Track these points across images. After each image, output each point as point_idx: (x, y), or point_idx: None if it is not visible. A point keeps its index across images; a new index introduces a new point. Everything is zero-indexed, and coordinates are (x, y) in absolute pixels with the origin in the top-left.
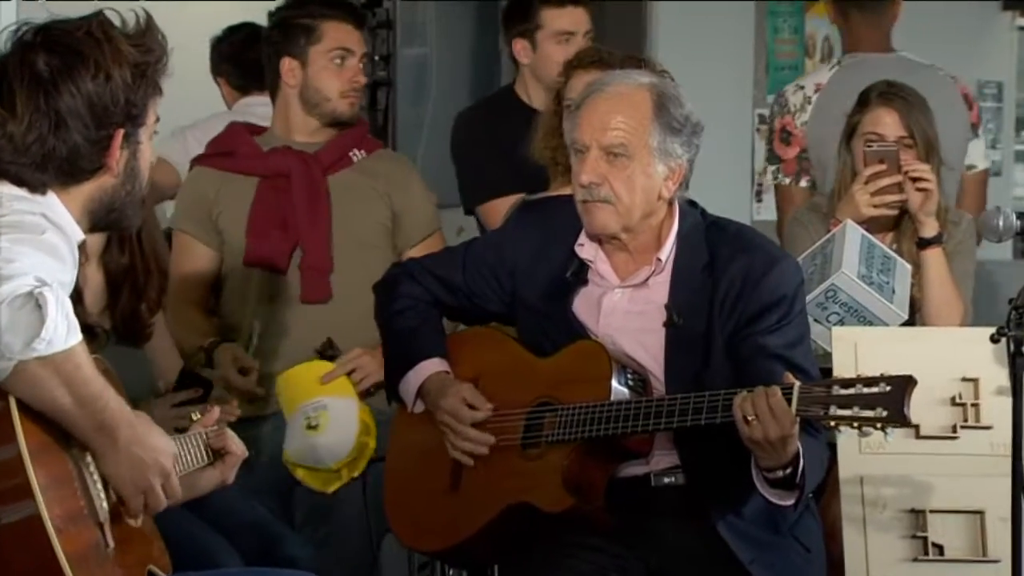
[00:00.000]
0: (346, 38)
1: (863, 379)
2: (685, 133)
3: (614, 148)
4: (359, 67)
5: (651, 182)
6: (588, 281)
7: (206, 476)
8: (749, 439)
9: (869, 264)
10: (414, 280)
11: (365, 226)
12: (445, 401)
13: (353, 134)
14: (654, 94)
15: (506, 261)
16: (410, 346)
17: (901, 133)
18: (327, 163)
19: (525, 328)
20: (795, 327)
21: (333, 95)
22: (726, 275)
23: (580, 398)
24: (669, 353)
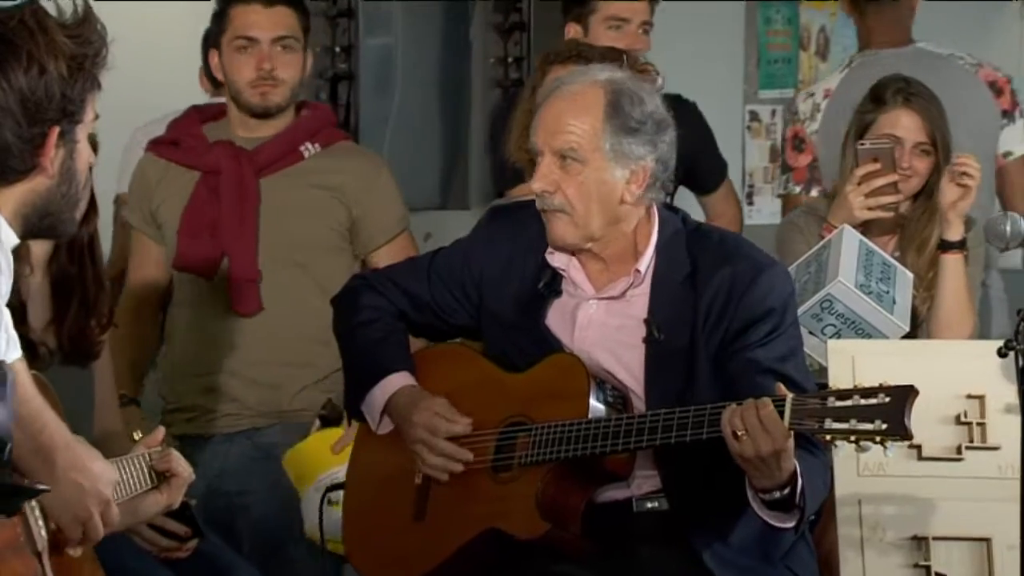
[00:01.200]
0: (250, 22)
1: (861, 390)
2: (646, 132)
3: (564, 152)
4: (267, 52)
5: (608, 188)
6: (562, 292)
7: (150, 500)
8: (740, 456)
9: (867, 272)
10: (376, 291)
11: (310, 229)
12: (418, 415)
13: (303, 126)
14: (608, 91)
15: (473, 271)
16: (375, 360)
17: (921, 138)
18: (263, 161)
19: (494, 343)
20: (786, 339)
21: (242, 85)
22: (709, 286)
23: (555, 416)
24: (650, 371)
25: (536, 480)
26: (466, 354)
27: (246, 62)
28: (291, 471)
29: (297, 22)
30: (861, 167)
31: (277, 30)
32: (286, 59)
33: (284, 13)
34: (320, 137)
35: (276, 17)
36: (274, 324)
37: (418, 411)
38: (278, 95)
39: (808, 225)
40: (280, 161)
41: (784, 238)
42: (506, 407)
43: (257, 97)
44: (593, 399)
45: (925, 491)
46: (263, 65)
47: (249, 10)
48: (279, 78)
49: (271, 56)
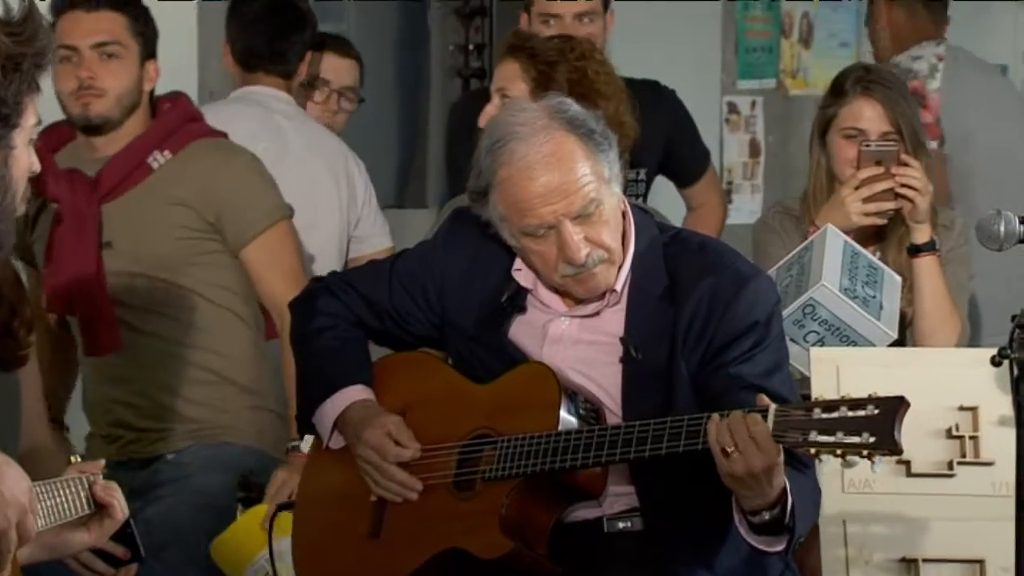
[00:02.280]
0: (69, 29)
1: (848, 401)
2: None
3: (588, 208)
4: (87, 60)
5: (617, 210)
6: (526, 308)
7: (74, 538)
8: (730, 475)
9: (853, 275)
10: (333, 296)
11: (167, 248)
12: (368, 434)
13: (150, 135)
14: (568, 127)
15: (435, 277)
16: (329, 370)
17: (885, 128)
18: (105, 186)
19: (457, 354)
20: (771, 352)
21: (65, 97)
22: (689, 301)
23: (522, 428)
24: (627, 392)
25: (501, 496)
26: (430, 363)
27: (68, 72)
28: (222, 561)
29: (126, 26)
30: (863, 169)
31: (98, 36)
32: (110, 67)
33: (108, 18)
34: (171, 142)
35: (98, 23)
36: (146, 353)
37: (369, 430)
38: (101, 106)
39: (784, 226)
40: (125, 182)
41: (760, 240)
42: (471, 419)
43: (79, 108)
44: (564, 411)
45: (914, 509)
46: (81, 73)
47: (70, 17)
48: (101, 88)
49: (91, 64)
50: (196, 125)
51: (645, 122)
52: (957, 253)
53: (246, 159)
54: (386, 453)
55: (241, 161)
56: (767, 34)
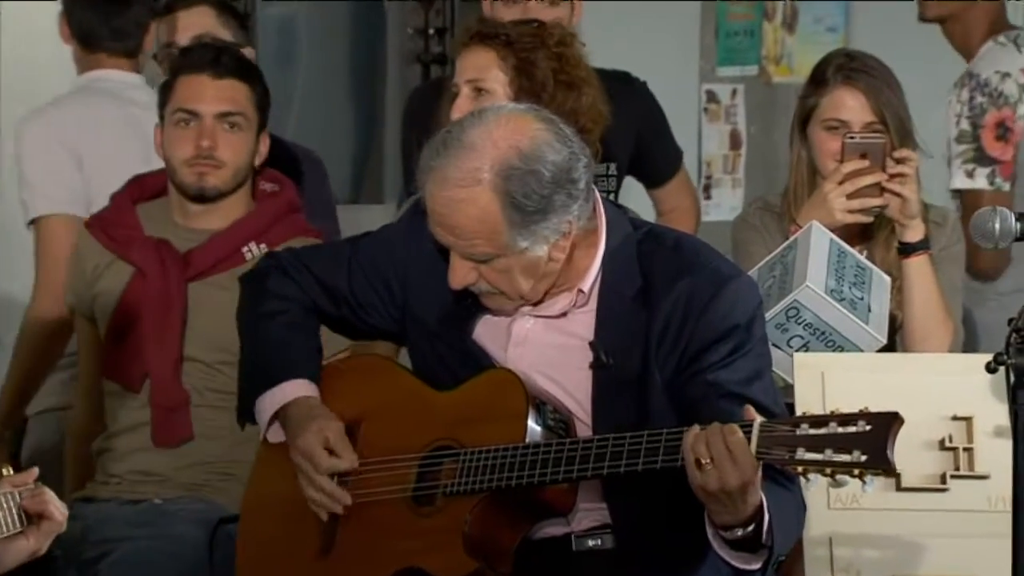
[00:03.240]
0: (193, 94)
1: (838, 416)
2: (556, 203)
3: (477, 259)
4: (210, 128)
5: (533, 263)
6: None
7: (15, 547)
8: (702, 488)
9: (839, 276)
10: (289, 278)
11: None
12: (302, 439)
13: (250, 223)
14: (499, 190)
15: (398, 268)
16: (275, 359)
17: (869, 118)
18: (195, 269)
19: (418, 352)
20: (752, 358)
21: (178, 163)
22: (664, 302)
23: (487, 440)
24: (598, 400)
25: (463, 513)
26: (387, 368)
27: (186, 137)
28: None
29: (249, 98)
30: (847, 163)
31: (223, 105)
32: (231, 139)
33: (235, 88)
34: (270, 235)
35: (225, 91)
36: (208, 450)
37: (304, 434)
38: (218, 178)
39: (765, 223)
40: (215, 268)
41: (740, 239)
42: (431, 429)
43: (193, 177)
44: (531, 421)
45: (905, 526)
46: (203, 142)
47: (194, 81)
48: (220, 159)
49: (213, 133)
50: (295, 219)
51: (616, 115)
52: (950, 252)
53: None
54: (318, 464)
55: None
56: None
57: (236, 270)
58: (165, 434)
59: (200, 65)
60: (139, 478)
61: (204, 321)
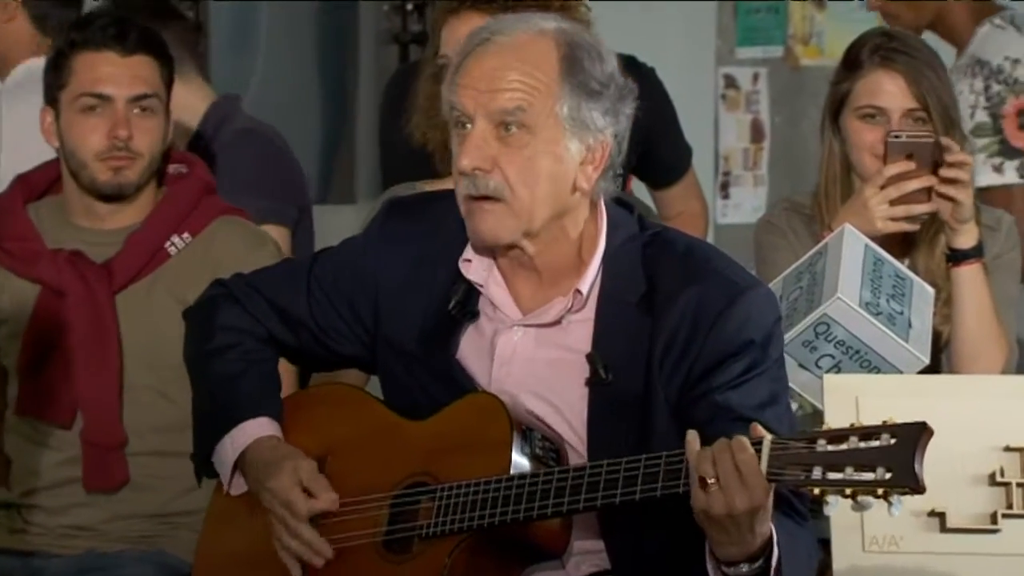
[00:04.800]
0: (102, 75)
1: (859, 430)
2: (608, 97)
3: (508, 116)
4: (123, 115)
5: (561, 167)
6: (479, 314)
7: None
8: (706, 513)
9: (875, 287)
10: (238, 304)
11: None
12: (276, 481)
13: (167, 214)
14: (562, 43)
15: (367, 284)
16: (230, 399)
17: (909, 104)
18: (122, 280)
19: (391, 379)
20: (767, 381)
21: (88, 158)
22: (671, 312)
23: (467, 474)
24: (594, 421)
25: (442, 557)
26: (354, 397)
27: (95, 127)
28: None
29: (161, 76)
30: (891, 164)
31: (136, 86)
32: (146, 125)
33: (145, 65)
34: (191, 221)
35: (135, 69)
36: (152, 491)
37: (276, 476)
38: (135, 172)
39: (793, 226)
40: (141, 273)
41: (763, 244)
42: (404, 464)
43: (107, 173)
44: (516, 452)
45: (951, 571)
46: (119, 132)
47: (99, 59)
48: (136, 150)
49: (128, 120)
50: (213, 200)
51: None
52: (1005, 260)
53: (272, 249)
54: (296, 509)
55: (267, 253)
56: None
57: (161, 270)
58: (98, 477)
59: (104, 40)
60: (69, 532)
61: (137, 338)
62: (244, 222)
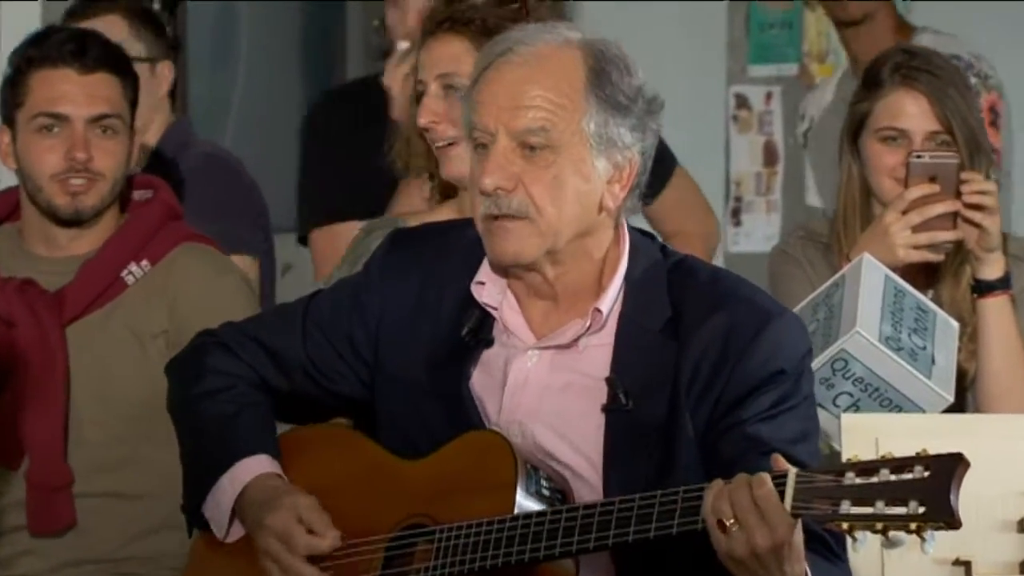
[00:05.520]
0: (60, 93)
1: (890, 461)
2: (636, 112)
3: (532, 135)
4: (82, 135)
5: (588, 185)
6: (493, 341)
7: None
8: (729, 556)
9: (896, 320)
10: (230, 352)
11: (135, 390)
12: (273, 517)
13: (125, 241)
14: (589, 55)
15: (368, 319)
16: (222, 441)
17: (932, 126)
18: (73, 311)
19: (393, 420)
20: (800, 415)
21: (44, 180)
22: (698, 338)
23: (468, 514)
24: (612, 452)
25: None
26: (347, 437)
27: (51, 147)
28: None
29: (123, 95)
30: (913, 188)
31: (96, 106)
32: (107, 146)
33: (106, 83)
34: (151, 249)
35: (96, 88)
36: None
37: (275, 512)
38: (95, 196)
39: (809, 256)
40: (93, 304)
41: (778, 274)
42: (402, 505)
43: (64, 198)
44: (521, 491)
45: None
46: (77, 154)
47: (56, 77)
48: (97, 171)
49: (87, 141)
50: (177, 226)
51: None
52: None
53: (235, 279)
54: (295, 544)
55: (230, 282)
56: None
57: (117, 301)
58: (43, 520)
59: (62, 57)
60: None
61: (89, 372)
62: (207, 249)
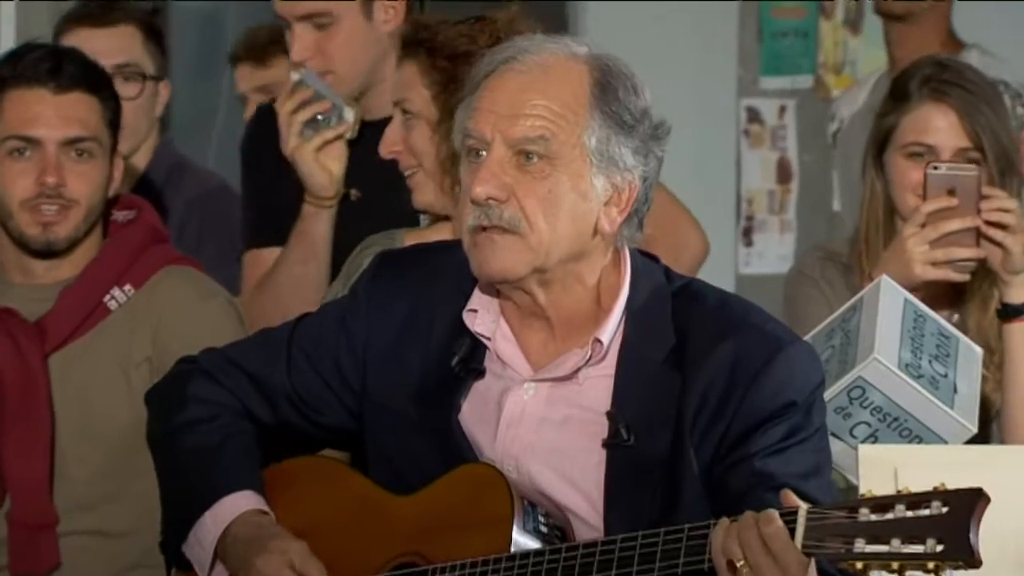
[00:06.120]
0: (32, 115)
1: (906, 497)
2: (640, 133)
3: (529, 145)
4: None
5: (584, 204)
6: (485, 371)
7: None
8: None
9: (916, 346)
10: (211, 379)
11: (119, 419)
12: (264, 561)
13: (107, 265)
14: (596, 68)
15: (355, 345)
16: (206, 474)
17: (961, 143)
18: (56, 340)
19: (378, 449)
20: (811, 449)
21: (15, 207)
22: (704, 368)
23: (462, 553)
24: (613, 490)
25: None
26: (334, 470)
27: (21, 172)
28: None
29: (101, 116)
30: (930, 201)
31: (71, 128)
32: (82, 170)
33: (82, 103)
34: (134, 272)
35: (70, 109)
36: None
37: (264, 556)
38: (69, 225)
39: (828, 277)
40: (76, 332)
41: (794, 297)
42: (392, 543)
43: (36, 228)
44: (518, 528)
45: None
46: (47, 179)
47: (28, 97)
48: (70, 198)
49: (59, 166)
50: (161, 249)
51: None
52: None
53: (221, 302)
54: None
55: (215, 306)
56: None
57: (100, 328)
58: (26, 560)
59: (37, 76)
60: None
61: (72, 404)
62: (192, 272)
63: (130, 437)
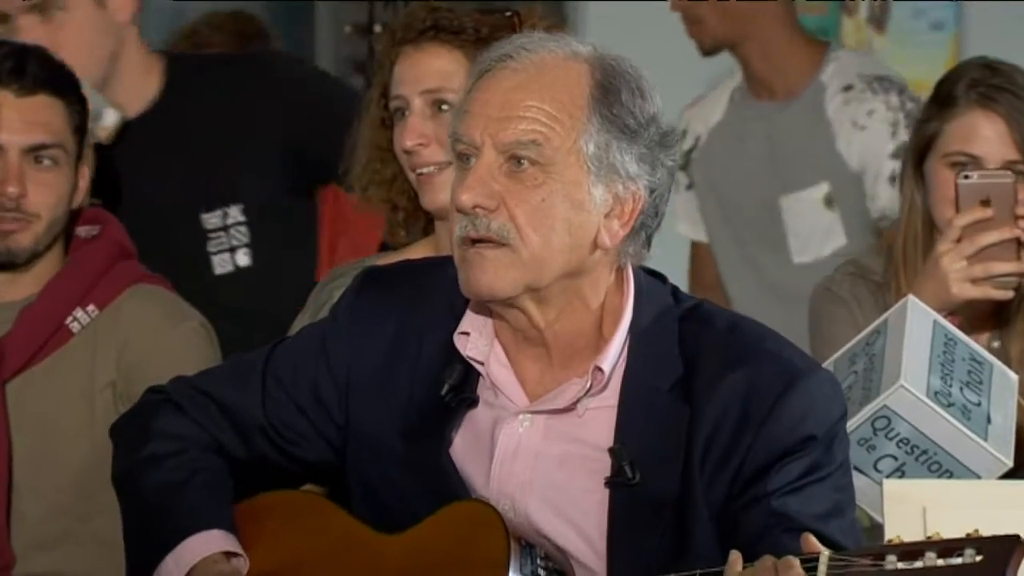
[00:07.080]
0: None
1: (938, 544)
2: (645, 140)
3: (521, 149)
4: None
5: (581, 215)
6: (478, 400)
7: None
8: None
9: (946, 372)
10: (179, 410)
11: (80, 455)
12: None
13: (69, 283)
14: (597, 69)
15: (335, 371)
16: (170, 513)
17: (1010, 155)
18: (15, 364)
19: (363, 482)
20: (833, 486)
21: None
22: (715, 399)
23: None
24: (616, 529)
25: None
26: (315, 505)
27: None
28: None
29: (66, 121)
30: (964, 213)
31: (34, 134)
32: (44, 179)
33: (46, 107)
34: (98, 292)
35: (33, 113)
36: None
37: None
38: (29, 237)
39: (858, 294)
40: (36, 356)
41: (820, 316)
42: None
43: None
44: (514, 572)
45: None
46: (7, 188)
47: None
48: (31, 211)
49: (20, 175)
50: (128, 266)
51: None
52: None
53: (192, 325)
54: None
55: (186, 329)
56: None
57: (62, 352)
58: None
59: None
60: None
61: (29, 434)
62: (160, 291)
63: (91, 470)
